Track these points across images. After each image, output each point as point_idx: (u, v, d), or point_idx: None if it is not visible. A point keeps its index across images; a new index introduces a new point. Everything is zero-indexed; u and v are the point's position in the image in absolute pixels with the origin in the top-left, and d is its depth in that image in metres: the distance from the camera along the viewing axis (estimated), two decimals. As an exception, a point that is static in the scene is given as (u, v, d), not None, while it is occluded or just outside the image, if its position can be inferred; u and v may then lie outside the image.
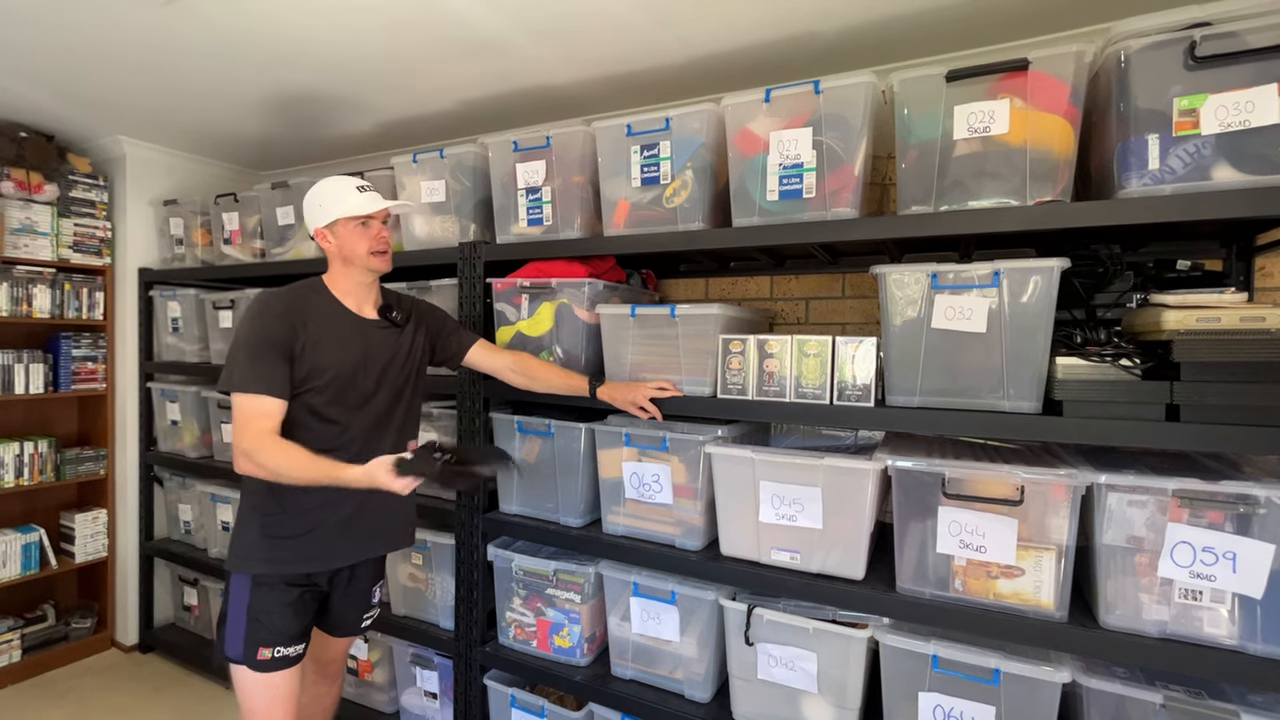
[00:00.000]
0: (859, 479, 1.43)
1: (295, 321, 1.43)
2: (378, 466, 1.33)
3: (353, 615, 1.67)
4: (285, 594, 1.47)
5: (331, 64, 1.99)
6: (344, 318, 1.52)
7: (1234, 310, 1.16)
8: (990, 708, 1.32)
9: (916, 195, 1.40)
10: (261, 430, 1.35)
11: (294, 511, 1.47)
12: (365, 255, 1.50)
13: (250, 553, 1.46)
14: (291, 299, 1.47)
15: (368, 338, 1.54)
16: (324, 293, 1.53)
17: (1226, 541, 1.14)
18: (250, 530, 1.48)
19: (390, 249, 1.56)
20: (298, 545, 1.48)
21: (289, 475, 1.33)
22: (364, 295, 1.57)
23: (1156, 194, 1.19)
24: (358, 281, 1.54)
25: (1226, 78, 1.14)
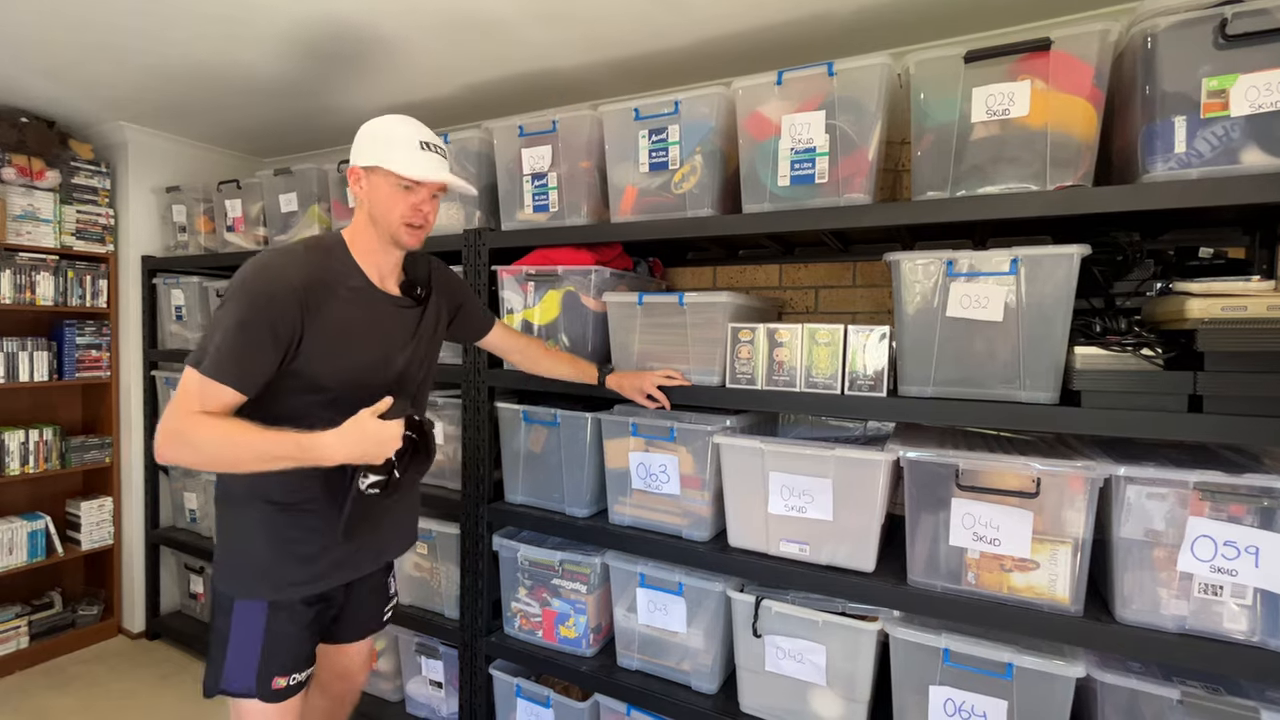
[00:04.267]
0: (870, 470, 1.41)
1: (308, 303, 1.15)
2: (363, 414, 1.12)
3: (371, 609, 1.50)
4: (303, 614, 1.28)
5: (332, 46, 1.95)
6: (364, 297, 1.26)
7: (1261, 299, 1.12)
8: (1003, 702, 1.30)
9: (932, 180, 1.36)
10: (194, 411, 1.09)
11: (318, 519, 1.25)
12: (396, 223, 1.24)
13: (262, 575, 1.24)
14: (309, 270, 1.18)
15: (387, 323, 1.30)
16: (344, 258, 1.26)
17: (1249, 535, 1.12)
18: (258, 548, 1.24)
19: (428, 226, 1.30)
20: (323, 559, 1.27)
21: (223, 453, 1.08)
22: (386, 264, 1.32)
23: (1183, 178, 1.15)
24: (381, 249, 1.29)
25: (1258, 57, 1.10)
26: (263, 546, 1.24)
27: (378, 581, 1.50)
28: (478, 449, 1.91)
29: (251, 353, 1.11)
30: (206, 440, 1.07)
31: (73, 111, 2.61)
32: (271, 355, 1.13)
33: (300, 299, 1.14)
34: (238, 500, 1.26)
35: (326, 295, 1.19)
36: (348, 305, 1.23)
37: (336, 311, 1.20)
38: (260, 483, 1.22)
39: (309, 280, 1.17)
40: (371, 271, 1.29)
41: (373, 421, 1.12)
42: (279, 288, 1.13)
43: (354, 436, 1.11)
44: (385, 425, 1.13)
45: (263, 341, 1.12)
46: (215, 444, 1.08)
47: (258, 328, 1.11)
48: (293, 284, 1.14)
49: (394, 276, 1.34)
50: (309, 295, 1.16)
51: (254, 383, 1.13)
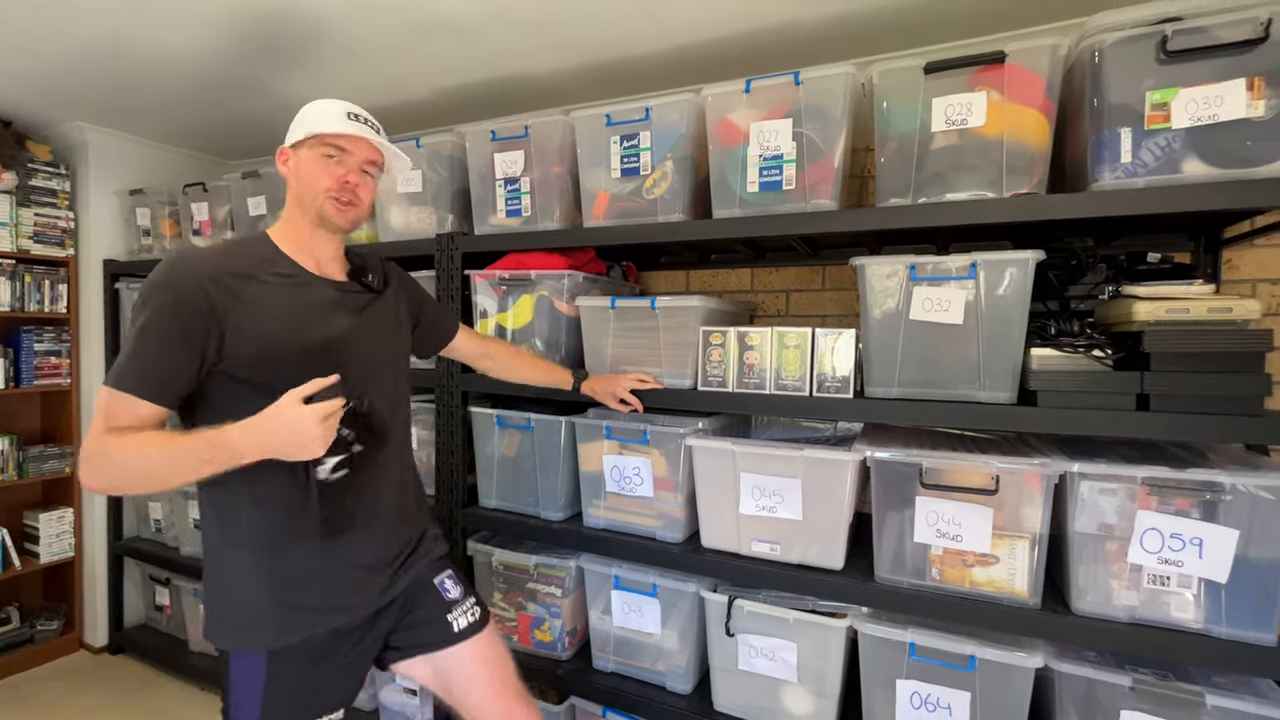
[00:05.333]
0: (838, 470, 1.44)
1: (222, 293, 1.02)
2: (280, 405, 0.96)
3: (432, 625, 1.27)
4: (305, 662, 1.11)
5: (300, 46, 1.93)
6: (295, 282, 1.12)
7: (1202, 301, 1.18)
8: (966, 694, 1.34)
9: (895, 188, 1.40)
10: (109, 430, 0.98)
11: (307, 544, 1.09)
12: (321, 196, 1.12)
13: (253, 623, 1.09)
14: (222, 260, 1.06)
15: (337, 308, 1.15)
16: (268, 248, 1.14)
17: (1194, 528, 1.17)
18: (244, 594, 1.10)
19: (359, 206, 1.16)
20: (321, 592, 1.11)
21: (141, 473, 0.97)
22: (323, 250, 1.17)
23: (1129, 187, 1.20)
24: (310, 234, 1.15)
25: (1197, 72, 1.16)
26: (249, 591, 1.09)
27: (414, 592, 1.28)
28: (451, 454, 1.90)
29: (160, 356, 1.00)
30: (120, 458, 0.97)
31: (29, 111, 2.54)
32: (184, 355, 1.00)
33: (210, 290, 1.02)
34: (216, 545, 1.13)
35: (246, 283, 1.06)
36: (274, 290, 1.09)
37: (260, 298, 1.06)
38: (232, 521, 1.10)
39: (221, 269, 1.05)
40: (306, 260, 1.16)
41: (289, 407, 0.95)
42: (185, 281, 1.01)
43: (265, 426, 0.95)
44: (301, 410, 0.95)
45: (171, 342, 0.99)
46: (129, 459, 0.96)
47: (164, 327, 1.00)
48: (200, 275, 1.02)
49: (336, 264, 1.21)
50: (222, 285, 1.03)
51: (167, 389, 1.01)
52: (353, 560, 1.16)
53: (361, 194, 1.16)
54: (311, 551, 1.11)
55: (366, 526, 1.17)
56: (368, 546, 1.18)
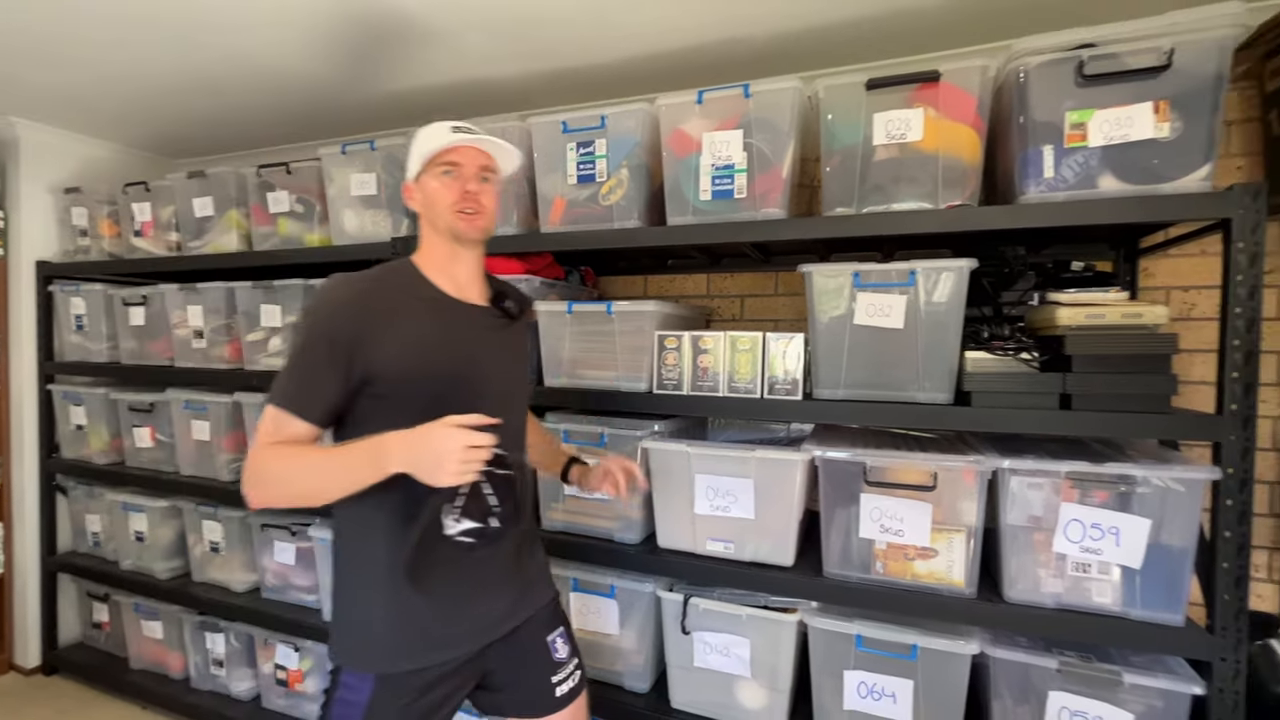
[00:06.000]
0: (788, 470, 1.49)
1: (368, 315, 1.06)
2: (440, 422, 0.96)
3: (535, 683, 1.25)
4: (411, 693, 1.11)
5: (250, 46, 1.89)
6: (442, 305, 1.15)
7: (1117, 307, 1.27)
8: (909, 682, 1.40)
9: (840, 197, 1.47)
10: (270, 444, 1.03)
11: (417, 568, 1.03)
12: (449, 213, 1.13)
13: (367, 644, 1.10)
14: (369, 284, 1.11)
15: (477, 333, 1.17)
16: (412, 273, 1.17)
17: (1111, 518, 1.25)
18: (360, 609, 1.11)
19: (485, 213, 1.16)
20: (432, 620, 1.11)
21: (300, 485, 1.02)
22: (463, 275, 1.19)
23: (1051, 200, 1.29)
24: (449, 254, 1.17)
25: (1110, 95, 1.25)
26: (370, 610, 1.11)
27: (527, 644, 1.25)
28: (408, 459, 1.88)
29: (311, 376, 1.04)
30: (276, 469, 1.01)
31: (-47, 105, 2.41)
32: (331, 376, 1.04)
33: (357, 312, 1.06)
34: (344, 565, 1.15)
35: (393, 305, 1.10)
36: (420, 314, 1.12)
37: (407, 322, 1.09)
38: (361, 545, 1.12)
39: (368, 292, 1.09)
40: (445, 283, 1.17)
41: (441, 425, 0.96)
42: (335, 305, 1.07)
43: (417, 436, 0.96)
44: (450, 431, 0.94)
45: (319, 362, 1.04)
46: (285, 470, 1.01)
47: (315, 348, 1.05)
48: (349, 299, 1.08)
49: (475, 288, 1.21)
50: (369, 307, 1.07)
51: (318, 408, 1.05)
52: (466, 605, 1.15)
53: (484, 201, 1.16)
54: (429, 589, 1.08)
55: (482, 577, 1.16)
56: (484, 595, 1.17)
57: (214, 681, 2.34)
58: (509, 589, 1.21)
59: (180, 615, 2.38)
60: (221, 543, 2.32)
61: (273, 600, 2.25)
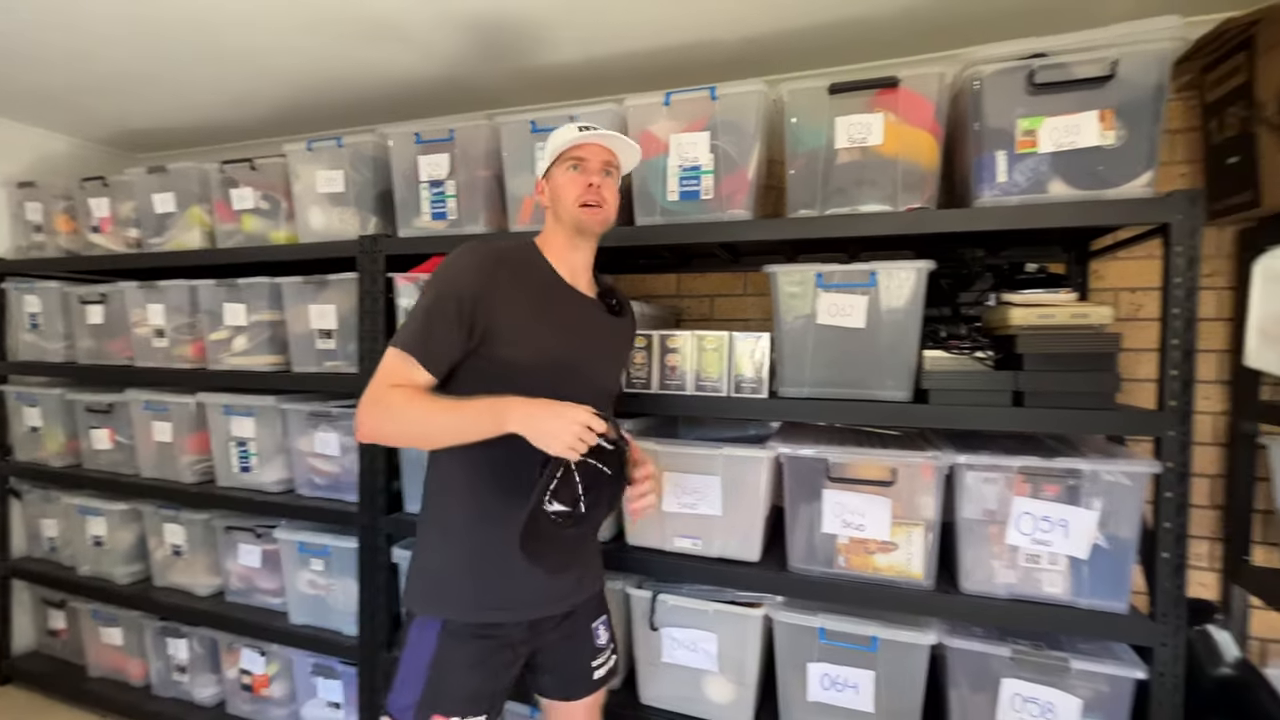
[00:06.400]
0: (754, 467, 1.52)
1: (495, 280, 1.14)
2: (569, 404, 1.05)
3: (578, 665, 1.33)
4: (475, 648, 1.18)
5: (214, 37, 1.86)
6: (558, 286, 1.23)
7: (1066, 308, 1.32)
8: (870, 672, 1.44)
9: (804, 200, 1.49)
10: (392, 385, 1.11)
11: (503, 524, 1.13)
12: (573, 206, 1.20)
13: (441, 588, 1.19)
14: (501, 251, 1.19)
15: (584, 320, 1.25)
16: (535, 253, 1.24)
17: (1060, 511, 1.30)
18: (438, 557, 1.21)
19: (606, 206, 1.22)
20: (504, 581, 1.19)
21: (421, 421, 1.10)
22: (578, 264, 1.27)
23: (1004, 204, 1.33)
24: (568, 243, 1.24)
25: (1059, 103, 1.30)
26: (447, 558, 1.20)
27: (576, 627, 1.32)
28: (375, 459, 1.87)
29: (438, 329, 1.12)
30: (403, 409, 1.09)
31: (-102, 94, 2.32)
32: (456, 331, 1.12)
33: (486, 275, 1.14)
34: (433, 513, 1.24)
35: (517, 275, 1.18)
36: (538, 289, 1.20)
37: (527, 293, 1.17)
38: (459, 495, 1.21)
39: (499, 258, 1.17)
40: (563, 270, 1.25)
41: (570, 406, 1.05)
42: (466, 266, 1.15)
43: (539, 404, 1.06)
44: (576, 410, 1.04)
45: (446, 316, 1.11)
46: (412, 411, 1.09)
47: (444, 303, 1.12)
48: (479, 262, 1.15)
49: (585, 279, 1.29)
50: (496, 273, 1.15)
51: (440, 360, 1.13)
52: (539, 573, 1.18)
53: (606, 194, 1.23)
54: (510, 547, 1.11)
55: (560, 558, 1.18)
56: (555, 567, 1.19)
57: (176, 688, 2.29)
58: (574, 569, 1.27)
59: (141, 621, 2.33)
60: (184, 546, 2.27)
61: (237, 604, 2.21)
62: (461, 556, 1.19)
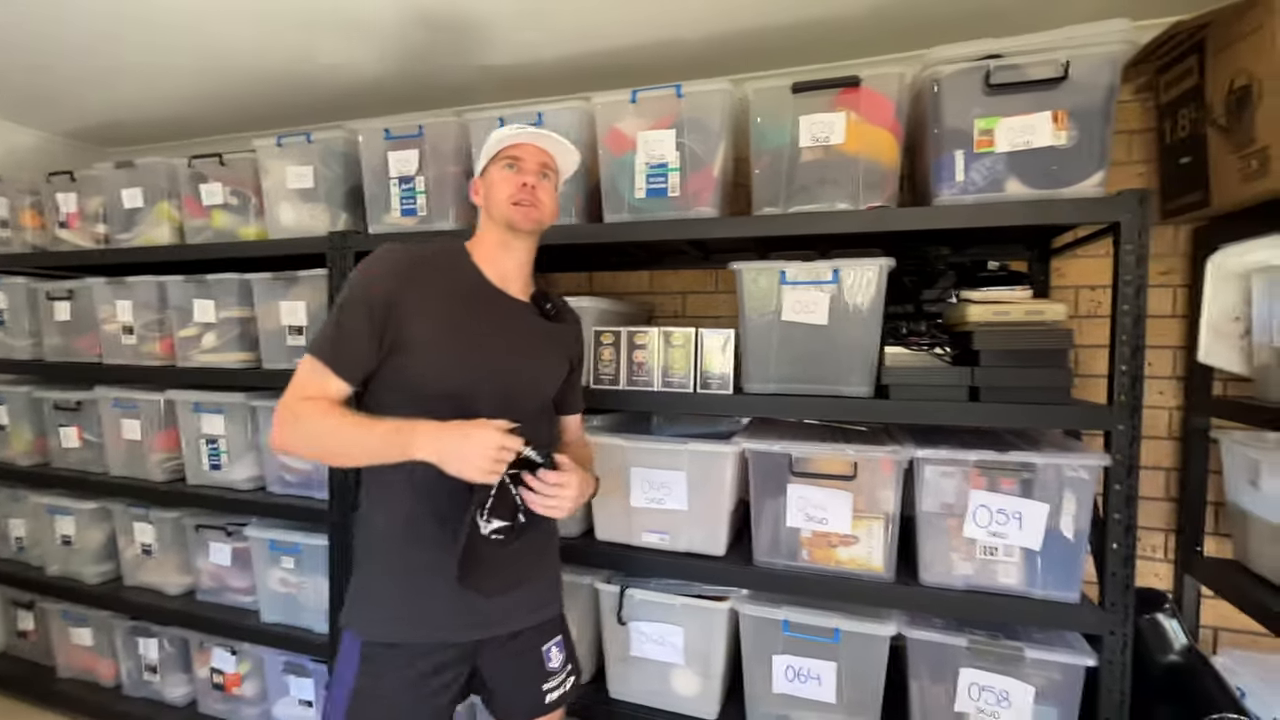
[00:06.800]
0: (719, 462, 1.53)
1: (408, 284, 1.10)
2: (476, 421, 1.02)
3: (527, 688, 1.26)
4: (402, 669, 1.13)
5: (172, 28, 1.84)
6: (480, 289, 1.19)
7: (1021, 305, 1.35)
8: (832, 664, 1.46)
9: (768, 197, 1.51)
10: (307, 396, 1.09)
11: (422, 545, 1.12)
12: (504, 202, 1.16)
13: (364, 606, 1.16)
14: (417, 254, 1.16)
15: (509, 324, 1.20)
16: (460, 256, 1.21)
17: (1014, 504, 1.33)
18: (368, 574, 1.17)
19: (540, 207, 1.18)
20: (428, 597, 1.13)
21: (332, 442, 1.07)
22: (510, 266, 1.22)
23: (962, 203, 1.36)
24: (499, 243, 1.20)
25: (1014, 104, 1.32)
26: (370, 576, 1.17)
27: (525, 647, 1.26)
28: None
29: (350, 335, 1.09)
30: (313, 425, 1.06)
31: None
32: (368, 338, 1.09)
33: (399, 280, 1.11)
34: (360, 524, 1.22)
35: (434, 279, 1.14)
36: (456, 292, 1.16)
37: (443, 297, 1.14)
38: (382, 504, 1.17)
39: (412, 263, 1.14)
40: (490, 271, 1.21)
41: (475, 426, 1.02)
42: (379, 271, 1.12)
43: (448, 429, 1.02)
44: (485, 431, 1.01)
45: (358, 323, 1.08)
46: (321, 428, 1.06)
47: (356, 310, 1.09)
48: (392, 266, 1.12)
49: (519, 283, 1.25)
50: (410, 277, 1.12)
51: (353, 367, 1.10)
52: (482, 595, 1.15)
53: (540, 195, 1.19)
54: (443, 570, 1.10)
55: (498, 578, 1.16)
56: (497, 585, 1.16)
57: (147, 688, 2.28)
58: (521, 589, 1.21)
59: (111, 621, 2.30)
60: (154, 545, 2.25)
61: (208, 603, 2.19)
62: (384, 575, 1.15)
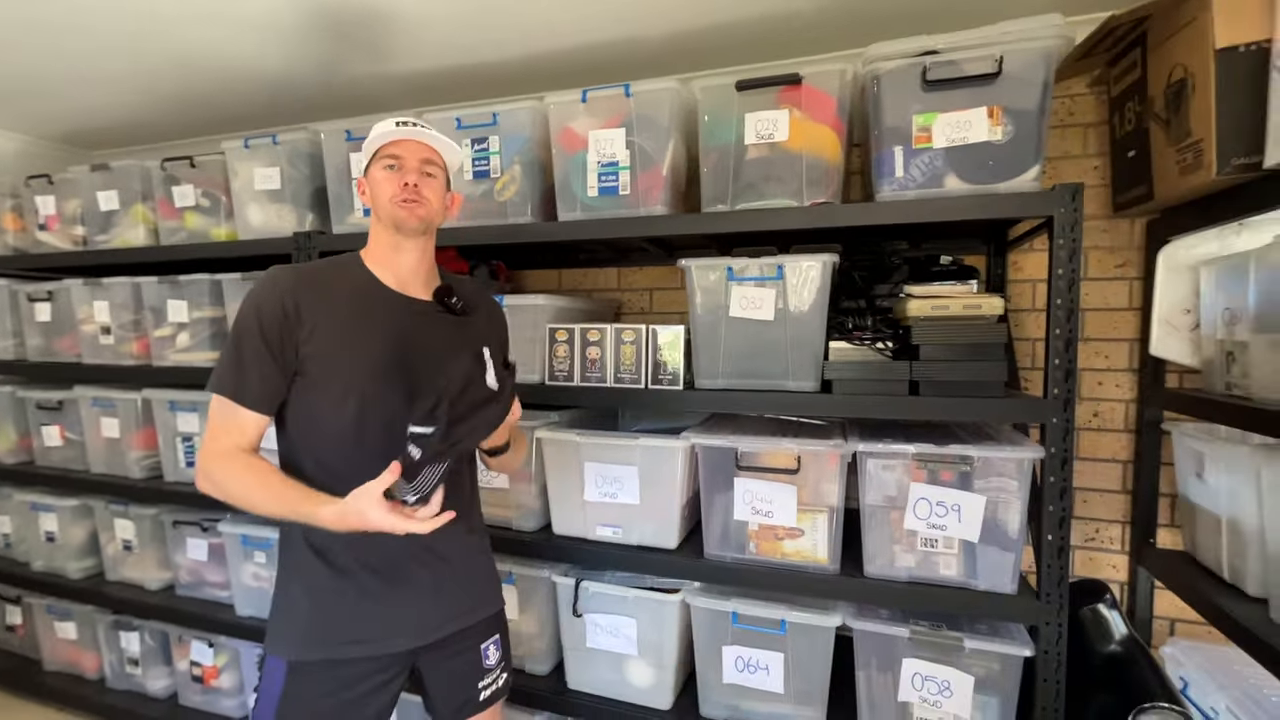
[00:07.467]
0: (670, 456, 1.55)
1: (300, 302, 1.10)
2: (361, 498, 1.00)
3: (463, 686, 1.27)
4: (328, 682, 1.13)
5: (114, 31, 1.86)
6: (374, 295, 1.17)
7: (960, 299, 1.36)
8: (779, 654, 1.48)
9: (717, 195, 1.52)
10: (223, 450, 1.08)
11: (340, 561, 1.12)
12: (389, 204, 1.15)
13: (286, 627, 1.15)
14: (300, 273, 1.15)
15: (412, 325, 1.18)
16: (353, 266, 1.20)
17: (954, 496, 1.34)
18: (287, 594, 1.16)
19: (425, 203, 1.16)
20: (348, 615, 1.13)
21: (247, 505, 1.07)
22: (406, 268, 1.20)
23: (902, 198, 1.37)
24: (390, 245, 1.19)
25: (951, 99, 1.33)
26: (292, 590, 1.15)
27: (461, 648, 1.26)
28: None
29: (248, 364, 1.08)
30: (227, 486, 1.07)
31: None
32: (267, 363, 1.08)
33: (288, 301, 1.09)
34: (281, 551, 1.20)
35: (324, 294, 1.13)
36: (349, 303, 1.15)
37: (335, 310, 1.13)
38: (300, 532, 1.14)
39: (300, 282, 1.13)
40: (386, 275, 1.20)
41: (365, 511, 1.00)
42: (268, 292, 1.11)
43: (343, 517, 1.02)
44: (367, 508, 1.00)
45: (254, 350, 1.08)
46: (234, 490, 1.07)
47: (249, 338, 1.08)
48: (283, 286, 1.11)
49: (419, 281, 1.23)
50: (299, 297, 1.10)
51: (259, 396, 1.09)
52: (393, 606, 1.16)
53: (426, 192, 1.17)
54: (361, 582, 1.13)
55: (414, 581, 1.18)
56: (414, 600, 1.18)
57: (130, 681, 2.33)
58: (444, 599, 1.21)
59: (94, 615, 2.36)
60: (134, 541, 2.29)
61: (187, 597, 2.24)
62: (304, 595, 1.14)
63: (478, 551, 1.31)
